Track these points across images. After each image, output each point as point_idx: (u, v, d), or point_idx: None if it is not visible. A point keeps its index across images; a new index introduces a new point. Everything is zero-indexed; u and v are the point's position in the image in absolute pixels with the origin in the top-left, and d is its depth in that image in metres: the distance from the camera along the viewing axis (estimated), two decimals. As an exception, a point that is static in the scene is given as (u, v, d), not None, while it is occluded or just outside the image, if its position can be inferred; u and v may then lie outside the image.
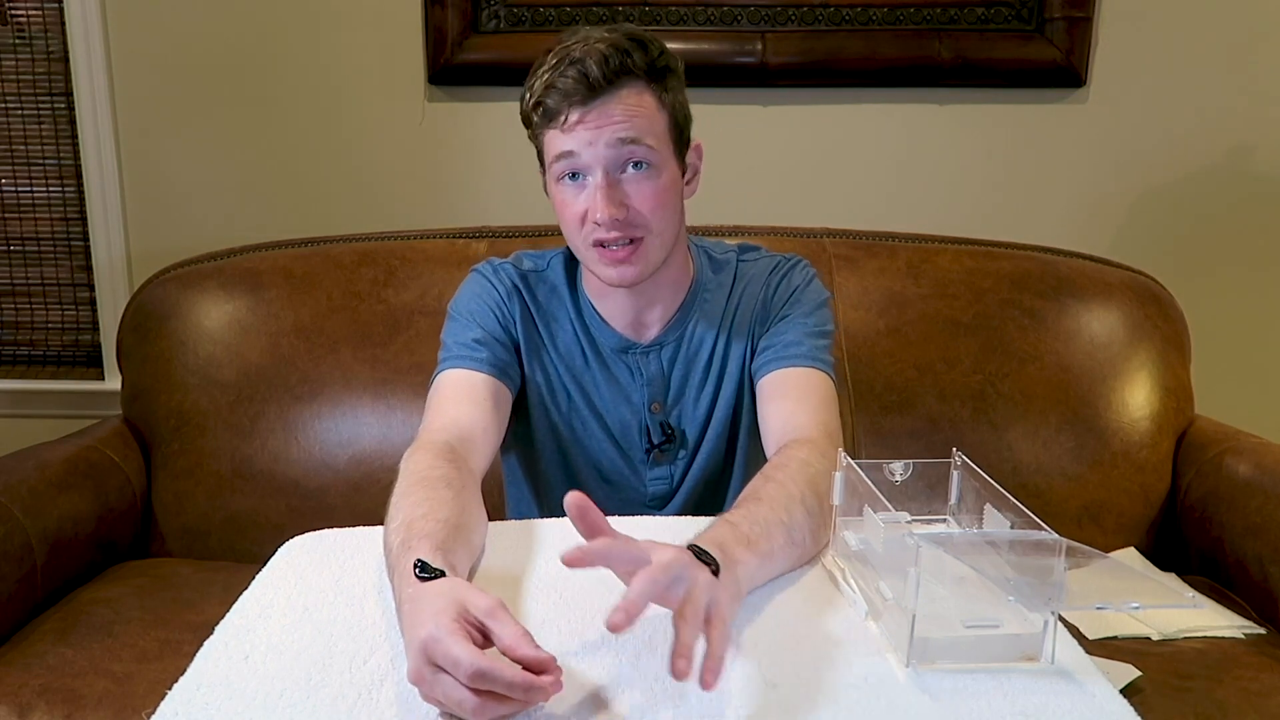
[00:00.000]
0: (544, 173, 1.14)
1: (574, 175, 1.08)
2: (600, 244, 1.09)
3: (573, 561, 0.73)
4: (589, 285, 1.20)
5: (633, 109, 1.06)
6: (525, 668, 0.68)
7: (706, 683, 0.68)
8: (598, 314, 1.21)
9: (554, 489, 1.25)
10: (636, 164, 1.07)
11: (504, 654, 0.69)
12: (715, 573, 0.77)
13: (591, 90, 1.04)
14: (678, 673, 0.68)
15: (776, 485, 0.94)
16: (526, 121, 1.11)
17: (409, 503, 0.90)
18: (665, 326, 1.21)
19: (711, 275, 1.23)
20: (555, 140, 1.07)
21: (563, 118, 1.05)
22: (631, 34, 1.07)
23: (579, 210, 1.09)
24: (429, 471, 0.95)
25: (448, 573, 0.78)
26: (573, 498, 0.74)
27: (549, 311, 1.22)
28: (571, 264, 1.23)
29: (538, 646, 0.69)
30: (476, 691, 0.67)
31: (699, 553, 0.78)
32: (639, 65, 1.06)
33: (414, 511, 0.88)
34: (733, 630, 0.77)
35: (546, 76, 1.05)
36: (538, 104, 1.07)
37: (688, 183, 1.16)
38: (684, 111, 1.13)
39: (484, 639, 0.71)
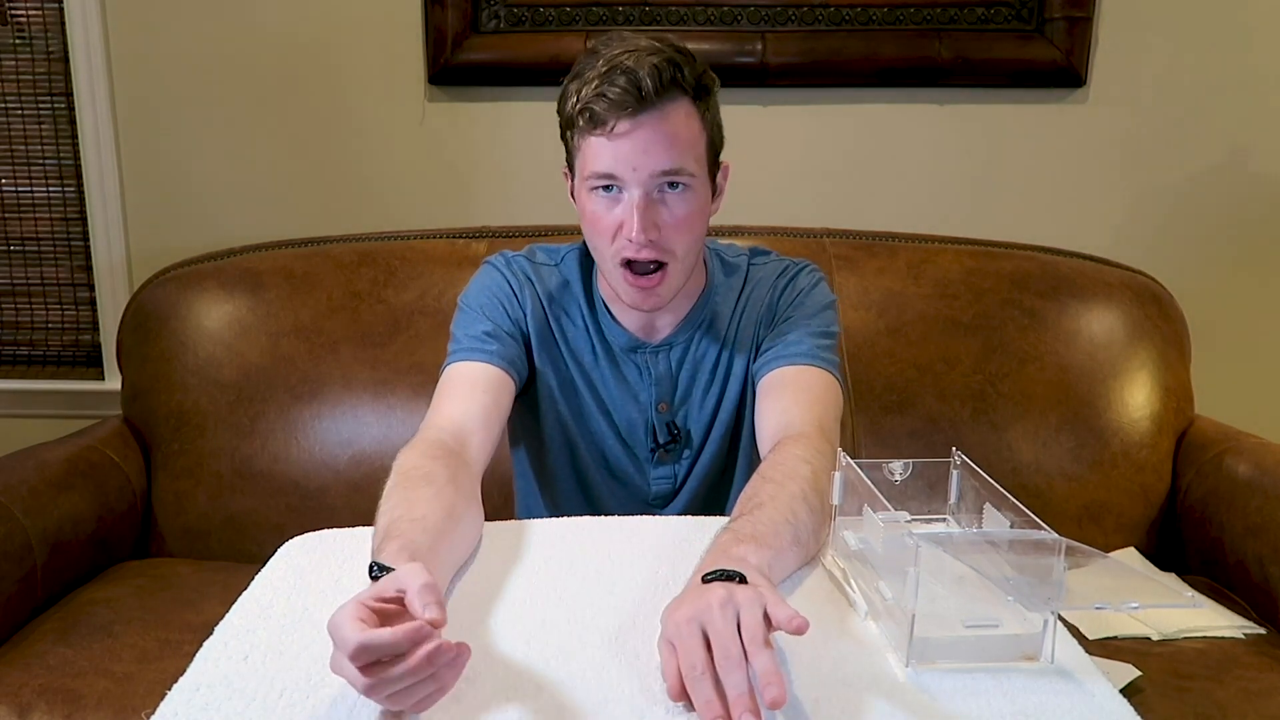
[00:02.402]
0: (571, 178, 1.14)
1: (607, 188, 1.07)
2: (628, 264, 1.09)
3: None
4: (604, 285, 1.20)
5: (679, 129, 1.05)
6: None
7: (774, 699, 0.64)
8: (610, 312, 1.21)
9: (561, 484, 1.25)
10: (673, 184, 1.07)
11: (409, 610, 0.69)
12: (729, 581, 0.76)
13: (642, 101, 1.03)
14: (771, 702, 0.64)
15: (775, 485, 0.94)
16: (568, 124, 1.09)
17: (388, 505, 0.90)
18: (676, 328, 1.21)
19: (723, 279, 1.24)
20: (596, 152, 1.06)
21: (610, 125, 1.04)
22: (678, 47, 1.06)
23: (611, 223, 1.08)
24: (413, 470, 0.96)
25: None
26: None
27: (561, 305, 1.22)
28: (586, 260, 1.23)
29: (441, 606, 0.68)
30: (366, 670, 0.66)
31: (712, 576, 0.77)
32: (688, 81, 1.05)
33: (391, 514, 0.88)
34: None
35: (596, 83, 1.03)
36: (584, 109, 1.04)
37: (713, 203, 1.15)
38: (720, 133, 1.13)
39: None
